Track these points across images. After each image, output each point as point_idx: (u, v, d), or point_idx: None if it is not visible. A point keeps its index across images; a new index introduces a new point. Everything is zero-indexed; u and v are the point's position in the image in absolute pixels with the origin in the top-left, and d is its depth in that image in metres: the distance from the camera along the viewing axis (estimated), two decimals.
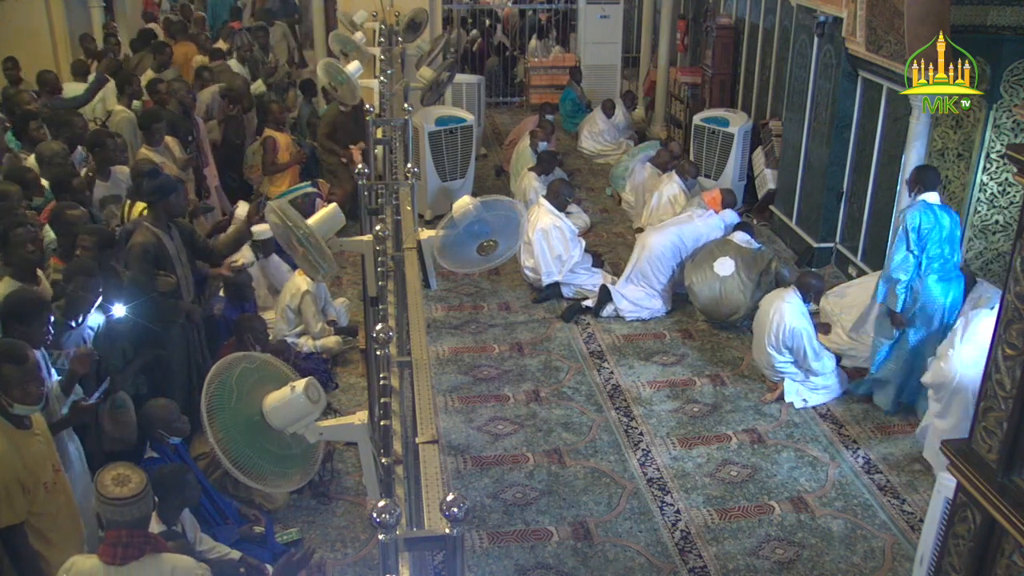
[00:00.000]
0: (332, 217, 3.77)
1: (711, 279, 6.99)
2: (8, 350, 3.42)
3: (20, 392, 3.38)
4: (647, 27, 13.33)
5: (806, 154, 8.41)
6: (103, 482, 3.09)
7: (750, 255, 7.06)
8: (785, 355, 6.04)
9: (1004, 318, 3.34)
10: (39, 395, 3.49)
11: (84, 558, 3.15)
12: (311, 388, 2.66)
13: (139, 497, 3.08)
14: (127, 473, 3.12)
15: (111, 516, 3.10)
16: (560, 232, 7.50)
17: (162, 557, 3.16)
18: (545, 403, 6.11)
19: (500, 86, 14.54)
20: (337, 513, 5.01)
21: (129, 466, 3.21)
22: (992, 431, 3.38)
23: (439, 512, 1.84)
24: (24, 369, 3.39)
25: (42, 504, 3.48)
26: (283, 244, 3.67)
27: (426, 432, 2.23)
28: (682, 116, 11.36)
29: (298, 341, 6.44)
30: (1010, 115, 6.37)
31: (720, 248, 7.15)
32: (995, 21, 6.21)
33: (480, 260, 3.87)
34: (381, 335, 2.65)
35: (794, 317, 5.96)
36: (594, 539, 4.85)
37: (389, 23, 8.68)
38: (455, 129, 8.94)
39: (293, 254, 3.65)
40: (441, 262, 3.85)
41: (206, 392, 2.60)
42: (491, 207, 3.75)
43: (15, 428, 3.43)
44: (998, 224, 6.74)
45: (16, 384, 3.37)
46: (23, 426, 3.47)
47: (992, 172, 6.59)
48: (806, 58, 8.25)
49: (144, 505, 3.12)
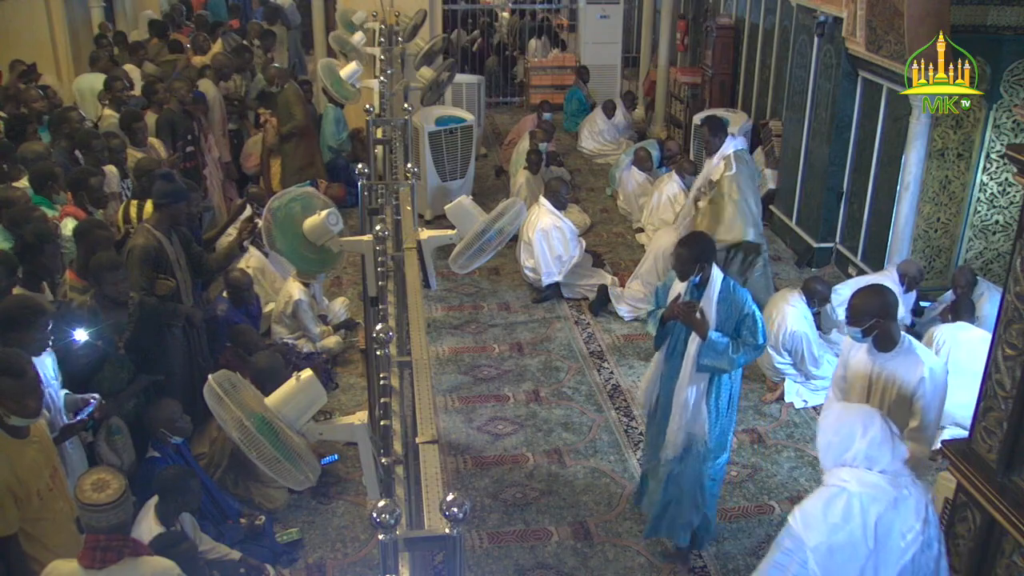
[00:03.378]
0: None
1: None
2: (6, 363, 3.35)
3: (16, 405, 3.33)
4: (647, 27, 13.33)
5: (806, 154, 8.41)
6: (82, 487, 3.07)
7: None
8: (785, 356, 6.04)
9: (1004, 318, 3.34)
10: (37, 408, 3.45)
11: (63, 563, 3.14)
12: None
13: (117, 503, 3.05)
14: (107, 478, 3.10)
15: (89, 521, 3.08)
16: (560, 232, 7.50)
17: (141, 560, 3.16)
18: (545, 403, 6.11)
19: (500, 86, 14.55)
20: (337, 513, 5.01)
21: (109, 470, 3.19)
22: (992, 431, 3.38)
23: (439, 512, 1.84)
24: (22, 383, 3.33)
25: (37, 511, 3.45)
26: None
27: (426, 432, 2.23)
28: (682, 116, 11.36)
29: (298, 342, 6.45)
30: (1010, 115, 6.38)
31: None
32: (995, 21, 6.21)
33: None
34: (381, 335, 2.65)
35: (796, 321, 5.95)
36: (594, 539, 4.85)
37: (389, 23, 8.67)
38: (455, 129, 8.94)
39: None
40: (456, 269, 3.92)
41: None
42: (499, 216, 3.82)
43: (9, 437, 3.38)
44: (998, 224, 6.74)
45: (13, 397, 3.32)
46: (19, 435, 3.42)
47: (992, 172, 6.59)
48: (806, 58, 8.25)
49: (122, 511, 3.09)
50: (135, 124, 6.69)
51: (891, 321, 3.65)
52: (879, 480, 3.02)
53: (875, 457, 3.04)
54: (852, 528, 3.00)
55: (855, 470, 3.06)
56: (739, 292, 4.29)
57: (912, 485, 3.08)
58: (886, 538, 3.02)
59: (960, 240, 6.82)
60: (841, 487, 3.06)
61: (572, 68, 13.41)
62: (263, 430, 2.54)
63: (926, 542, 3.07)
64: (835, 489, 3.07)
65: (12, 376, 3.31)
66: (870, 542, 3.00)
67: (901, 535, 3.02)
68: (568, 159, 11.20)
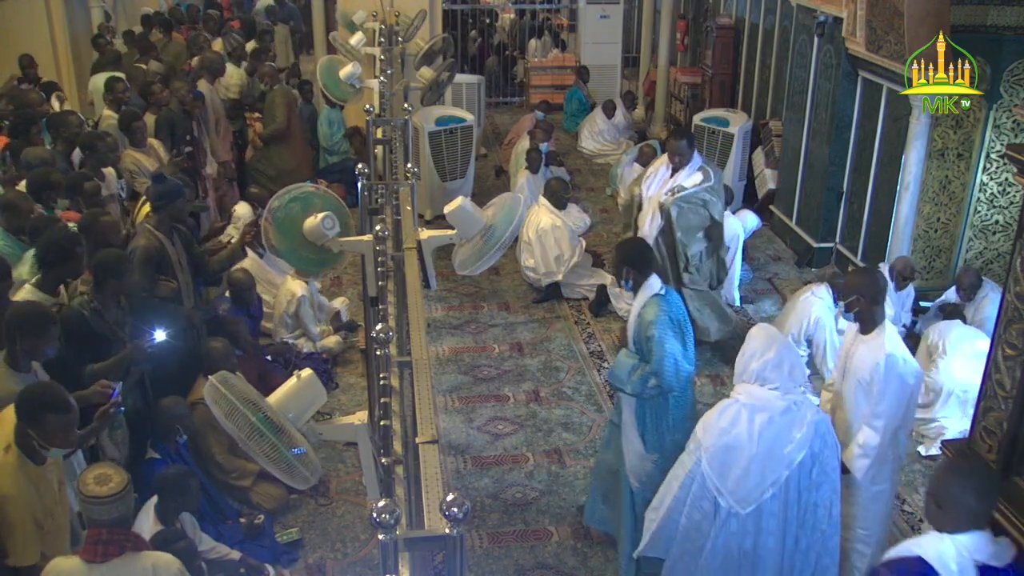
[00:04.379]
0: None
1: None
2: (51, 399, 3.35)
3: (61, 440, 3.37)
4: (647, 27, 13.34)
5: (806, 154, 8.41)
6: (85, 481, 3.09)
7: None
8: (803, 347, 6.08)
9: (1004, 318, 3.34)
10: (76, 439, 3.51)
11: (65, 559, 3.16)
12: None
13: (119, 496, 3.07)
14: (109, 472, 3.12)
15: (92, 515, 3.10)
16: (560, 232, 7.50)
17: (142, 555, 3.17)
18: (545, 403, 6.11)
19: (500, 86, 14.55)
20: (337, 513, 5.01)
21: (112, 465, 3.21)
22: (992, 431, 3.39)
23: (439, 512, 1.84)
24: (68, 418, 3.36)
25: (46, 527, 3.46)
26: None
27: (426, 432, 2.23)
28: (682, 116, 11.36)
29: (298, 342, 6.45)
30: (1010, 115, 6.38)
31: None
32: (995, 21, 6.21)
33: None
34: (381, 335, 2.65)
35: (821, 310, 6.06)
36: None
37: (389, 23, 8.67)
38: (455, 129, 8.94)
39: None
40: (458, 271, 3.87)
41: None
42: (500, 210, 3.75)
43: (33, 465, 3.39)
44: (998, 224, 6.74)
45: (59, 433, 3.34)
46: (39, 461, 3.42)
47: (992, 172, 6.59)
48: (806, 58, 8.25)
49: (123, 505, 3.11)
50: (134, 124, 6.69)
51: (873, 304, 3.80)
52: (768, 395, 3.54)
53: (768, 376, 3.54)
54: (738, 432, 3.57)
55: (749, 385, 3.62)
56: (656, 309, 3.95)
57: (804, 404, 3.57)
58: (770, 444, 3.54)
59: (960, 240, 6.82)
60: (735, 399, 3.65)
61: (572, 68, 13.41)
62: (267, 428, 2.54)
63: (813, 455, 3.57)
64: (729, 400, 3.68)
65: (57, 412, 3.32)
66: (755, 446, 3.54)
67: (785, 443, 3.53)
68: (568, 159, 11.20)
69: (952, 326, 5.74)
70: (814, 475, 3.61)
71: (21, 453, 3.34)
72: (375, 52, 8.22)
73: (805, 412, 3.56)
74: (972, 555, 2.67)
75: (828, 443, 3.61)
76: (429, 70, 8.03)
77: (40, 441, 3.33)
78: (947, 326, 5.75)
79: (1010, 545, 2.76)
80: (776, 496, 3.58)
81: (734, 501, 3.61)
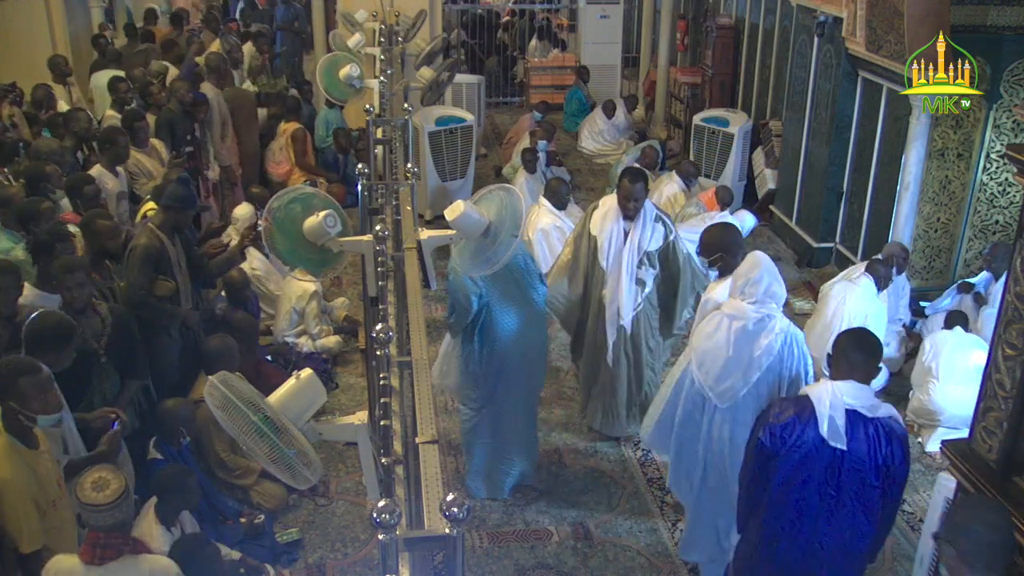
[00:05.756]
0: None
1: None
2: (20, 364, 3.40)
3: (40, 403, 3.37)
4: (647, 27, 13.33)
5: (806, 154, 8.41)
6: (82, 486, 3.07)
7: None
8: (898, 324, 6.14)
9: (1004, 318, 3.34)
10: (58, 402, 3.49)
11: (65, 558, 3.16)
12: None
13: (116, 503, 3.06)
14: (107, 477, 3.10)
15: (89, 520, 3.10)
16: (560, 232, 7.47)
17: (141, 558, 3.17)
18: (545, 403, 6.10)
19: (500, 86, 14.55)
20: (337, 513, 5.01)
21: (110, 470, 3.18)
22: (992, 431, 3.39)
23: (439, 512, 1.84)
24: (40, 379, 3.38)
25: (50, 520, 3.47)
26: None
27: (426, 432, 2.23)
28: (682, 116, 11.35)
29: (298, 341, 6.45)
30: (1010, 115, 6.38)
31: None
32: (995, 21, 6.22)
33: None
34: (381, 335, 2.65)
35: (867, 301, 5.95)
36: (594, 539, 4.85)
37: (389, 23, 8.67)
38: (455, 129, 8.93)
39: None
40: (471, 273, 3.87)
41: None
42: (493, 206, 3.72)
43: (26, 448, 3.40)
44: (998, 224, 6.74)
45: (35, 395, 3.35)
46: (32, 445, 3.44)
47: (992, 172, 6.59)
48: (806, 58, 8.25)
49: (121, 511, 3.09)
50: (136, 124, 6.69)
51: (732, 257, 4.45)
52: (745, 307, 3.99)
53: (748, 292, 4.00)
54: (718, 338, 4.06)
55: (733, 300, 4.08)
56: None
57: (774, 317, 3.99)
58: (741, 347, 4.01)
59: (960, 240, 6.82)
60: (720, 311, 4.11)
61: (572, 68, 13.40)
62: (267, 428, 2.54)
63: (781, 360, 4.02)
64: (715, 312, 4.17)
65: (29, 375, 3.35)
66: (729, 349, 4.02)
67: (754, 348, 3.99)
68: (568, 159, 11.20)
69: (947, 339, 5.59)
70: (783, 377, 4.08)
71: (12, 437, 3.37)
72: (375, 52, 8.22)
73: (774, 324, 4.01)
74: (843, 398, 3.39)
75: (795, 353, 4.06)
76: (429, 70, 8.03)
77: (22, 411, 3.34)
78: (942, 340, 5.60)
79: (887, 406, 3.45)
80: (749, 394, 4.05)
81: (714, 396, 4.11)
